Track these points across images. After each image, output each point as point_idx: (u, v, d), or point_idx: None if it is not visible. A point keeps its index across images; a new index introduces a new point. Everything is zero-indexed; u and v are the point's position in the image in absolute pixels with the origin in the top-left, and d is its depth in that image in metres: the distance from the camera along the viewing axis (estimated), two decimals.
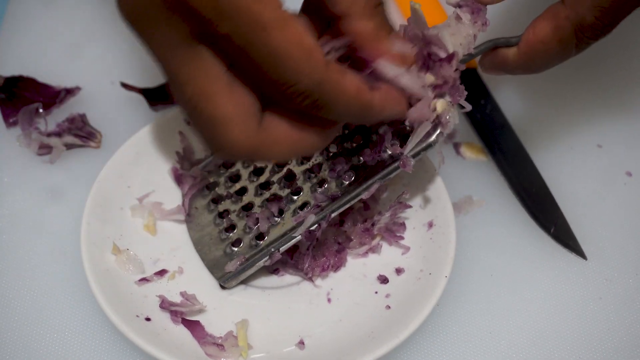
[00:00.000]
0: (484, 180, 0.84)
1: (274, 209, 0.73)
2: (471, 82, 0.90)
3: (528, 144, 0.86)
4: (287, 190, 0.74)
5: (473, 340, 0.74)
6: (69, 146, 0.84)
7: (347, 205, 0.72)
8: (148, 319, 0.70)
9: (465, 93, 0.69)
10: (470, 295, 0.77)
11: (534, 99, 0.90)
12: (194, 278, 0.74)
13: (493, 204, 0.82)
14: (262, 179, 0.76)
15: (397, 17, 0.92)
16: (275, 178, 0.75)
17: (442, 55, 0.67)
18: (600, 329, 0.75)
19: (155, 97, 0.88)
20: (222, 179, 0.77)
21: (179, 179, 0.79)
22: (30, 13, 0.95)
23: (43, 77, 0.88)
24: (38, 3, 0.97)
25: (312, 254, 0.74)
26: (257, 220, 0.74)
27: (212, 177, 0.78)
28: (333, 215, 0.71)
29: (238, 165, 0.77)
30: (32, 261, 0.77)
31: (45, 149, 0.83)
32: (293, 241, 0.72)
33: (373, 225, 0.76)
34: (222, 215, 0.76)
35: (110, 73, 0.91)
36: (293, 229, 0.72)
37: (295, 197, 0.73)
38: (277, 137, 0.60)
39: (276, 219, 0.73)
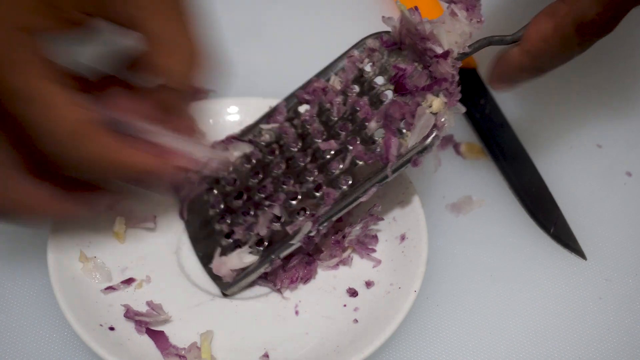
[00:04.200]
0: (484, 180, 0.84)
1: (275, 211, 0.73)
2: (471, 82, 0.90)
3: (528, 144, 0.86)
4: (283, 194, 0.73)
5: (473, 340, 0.74)
6: None
7: (345, 210, 0.71)
8: (112, 329, 0.70)
9: (460, 95, 0.69)
10: (470, 295, 0.76)
11: (533, 99, 0.90)
12: (161, 287, 0.74)
13: (492, 204, 0.82)
14: (259, 183, 0.75)
15: None
16: (271, 183, 0.75)
17: (438, 51, 0.67)
18: (600, 329, 0.75)
19: None
20: (221, 183, 0.77)
21: (174, 187, 0.79)
22: None
23: None
24: None
25: (281, 265, 0.74)
26: (255, 225, 0.73)
27: (209, 182, 0.77)
28: (334, 219, 0.71)
29: (235, 168, 0.77)
30: (31, 261, 0.76)
31: None
32: (292, 248, 0.72)
33: (344, 237, 0.75)
34: (220, 220, 0.76)
35: None
36: (291, 236, 0.71)
37: (293, 202, 0.73)
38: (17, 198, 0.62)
39: (275, 224, 0.73)
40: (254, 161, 0.76)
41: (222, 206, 0.76)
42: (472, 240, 0.80)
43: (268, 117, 0.77)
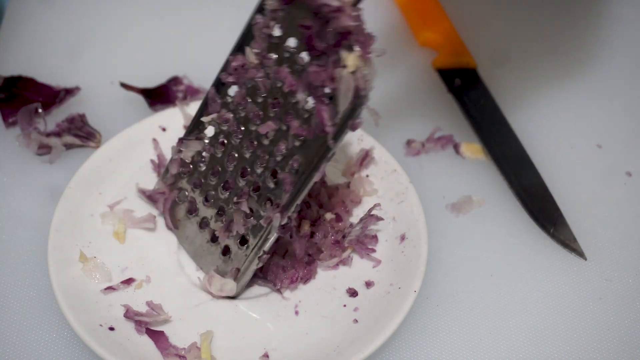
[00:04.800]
0: (484, 180, 0.84)
1: (244, 207, 0.71)
2: (471, 82, 0.90)
3: (528, 144, 0.86)
4: (246, 187, 0.72)
5: (473, 340, 0.74)
6: (69, 146, 0.84)
7: (306, 191, 0.68)
8: (112, 329, 0.70)
9: (375, 38, 0.63)
10: (470, 295, 0.76)
11: (533, 99, 0.90)
12: (161, 287, 0.74)
13: (493, 204, 0.82)
14: (219, 180, 0.74)
15: None
16: (231, 177, 0.73)
17: (334, 4, 0.63)
18: (600, 329, 0.75)
19: (155, 97, 0.88)
20: (188, 186, 0.76)
21: (151, 199, 0.79)
22: (30, 13, 0.96)
23: (43, 77, 0.89)
24: (38, 3, 0.98)
25: (281, 265, 0.74)
26: (233, 225, 0.72)
27: (178, 187, 0.77)
28: (298, 202, 0.69)
29: (195, 167, 0.76)
30: (31, 261, 0.77)
31: (44, 149, 0.84)
32: (272, 240, 0.70)
33: (344, 237, 0.75)
34: (202, 224, 0.75)
35: (109, 73, 0.91)
36: (266, 229, 0.70)
37: (257, 193, 0.71)
38: None
39: (250, 219, 0.71)
40: (208, 155, 0.74)
41: (198, 210, 0.75)
42: (472, 240, 0.80)
43: (204, 108, 0.74)
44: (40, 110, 0.85)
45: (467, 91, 0.89)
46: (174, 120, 0.83)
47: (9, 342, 0.72)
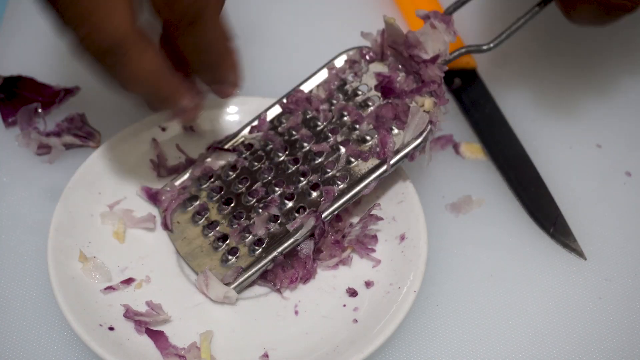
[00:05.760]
0: (483, 180, 0.84)
1: (273, 211, 0.74)
2: (471, 82, 0.90)
3: (527, 144, 0.86)
4: (277, 196, 0.75)
5: (472, 339, 0.74)
6: (68, 146, 0.84)
7: (348, 204, 0.73)
8: (111, 329, 0.70)
9: (447, 98, 0.74)
10: (470, 295, 0.76)
11: (533, 99, 0.90)
12: (161, 287, 0.74)
13: (492, 203, 0.82)
14: (248, 188, 0.76)
15: None
16: (262, 187, 0.76)
17: (426, 56, 0.73)
18: (600, 329, 0.75)
19: None
20: (204, 191, 0.77)
21: (153, 198, 0.78)
22: (30, 13, 0.96)
23: (42, 76, 0.88)
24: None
25: (281, 265, 0.74)
26: (252, 227, 0.74)
27: (191, 191, 0.78)
28: (336, 212, 0.73)
29: (218, 176, 0.78)
30: (31, 261, 0.77)
31: (44, 149, 0.83)
32: (294, 245, 0.72)
33: (344, 237, 0.75)
34: (210, 226, 0.76)
35: None
36: (291, 233, 0.72)
37: (288, 203, 0.74)
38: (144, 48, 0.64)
39: (272, 224, 0.74)
40: (239, 169, 0.77)
41: (208, 214, 0.76)
42: (472, 240, 0.80)
43: (251, 127, 0.79)
44: (39, 110, 0.85)
45: (467, 91, 0.90)
46: (173, 120, 0.83)
47: (9, 342, 0.72)
